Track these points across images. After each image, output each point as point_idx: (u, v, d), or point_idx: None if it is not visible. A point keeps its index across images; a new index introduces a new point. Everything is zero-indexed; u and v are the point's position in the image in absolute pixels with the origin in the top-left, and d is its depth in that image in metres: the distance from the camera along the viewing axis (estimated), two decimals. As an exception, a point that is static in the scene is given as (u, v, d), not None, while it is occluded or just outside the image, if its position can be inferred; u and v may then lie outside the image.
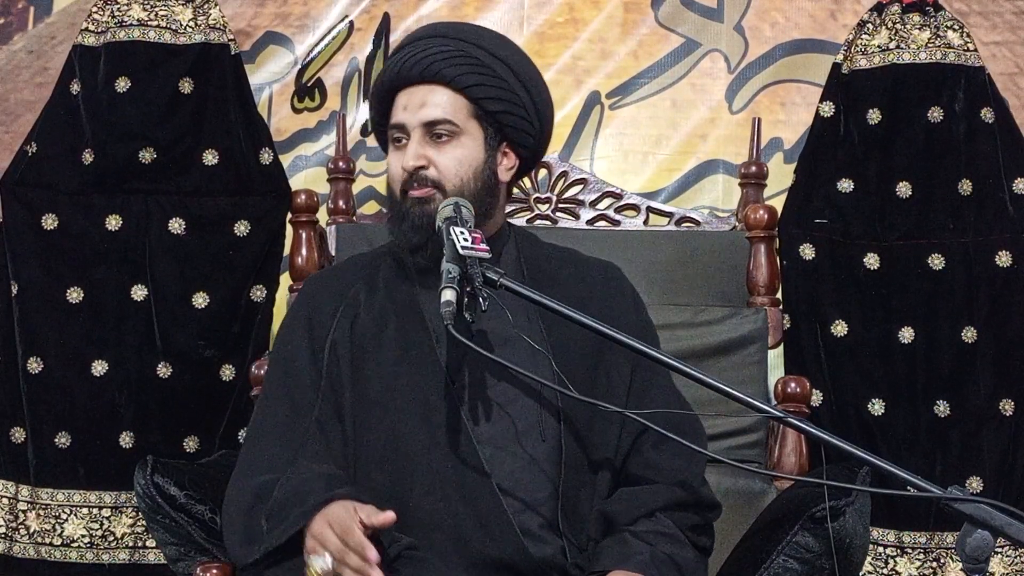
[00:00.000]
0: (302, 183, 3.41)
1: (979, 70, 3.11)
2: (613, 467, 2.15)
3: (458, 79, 2.18)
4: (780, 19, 3.61)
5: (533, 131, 2.24)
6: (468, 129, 2.19)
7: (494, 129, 2.21)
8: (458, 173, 2.17)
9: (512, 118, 2.21)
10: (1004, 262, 3.04)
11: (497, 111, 2.19)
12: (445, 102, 2.18)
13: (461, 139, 2.18)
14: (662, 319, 2.55)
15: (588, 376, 2.16)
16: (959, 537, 1.76)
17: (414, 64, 2.19)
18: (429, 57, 2.19)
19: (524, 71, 2.24)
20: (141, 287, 3.02)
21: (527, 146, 2.25)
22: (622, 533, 2.08)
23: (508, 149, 2.24)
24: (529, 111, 2.22)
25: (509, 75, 2.21)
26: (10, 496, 3.01)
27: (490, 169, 2.20)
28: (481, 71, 2.19)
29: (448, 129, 2.18)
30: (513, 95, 2.20)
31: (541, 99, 2.25)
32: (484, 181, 2.19)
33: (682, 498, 2.12)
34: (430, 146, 2.18)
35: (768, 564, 2.09)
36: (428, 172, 2.17)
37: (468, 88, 2.18)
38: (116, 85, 3.06)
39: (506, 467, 2.09)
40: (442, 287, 1.97)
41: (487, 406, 2.12)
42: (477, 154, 2.19)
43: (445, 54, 2.19)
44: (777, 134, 3.55)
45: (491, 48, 2.23)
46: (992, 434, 3.00)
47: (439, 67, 2.18)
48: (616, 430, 2.14)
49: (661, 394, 2.19)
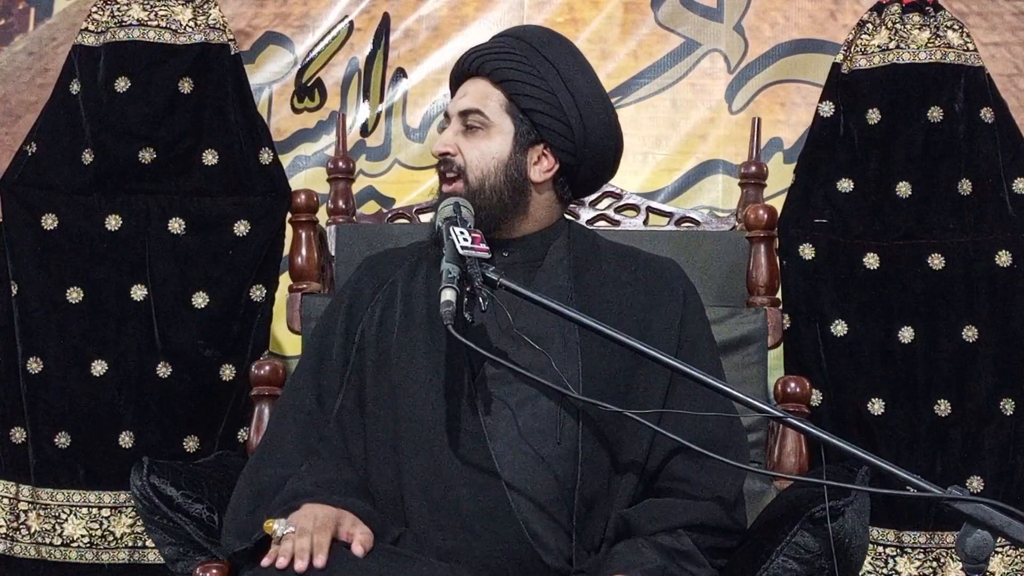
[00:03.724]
0: (302, 183, 3.42)
1: (979, 70, 3.11)
2: (640, 473, 2.13)
3: (496, 72, 2.22)
4: (780, 19, 3.61)
5: (571, 136, 2.22)
6: (498, 123, 2.22)
7: (527, 127, 2.22)
8: (480, 164, 2.20)
9: (546, 118, 2.21)
10: (1004, 262, 3.04)
11: (530, 108, 2.21)
12: (480, 94, 2.23)
13: (490, 131, 2.21)
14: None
15: (623, 381, 2.14)
16: (959, 537, 1.76)
17: (468, 58, 2.27)
18: (481, 51, 2.27)
19: (573, 76, 2.24)
20: (141, 287, 3.02)
21: (565, 149, 2.23)
22: (637, 540, 2.06)
23: (547, 151, 2.23)
24: (569, 114, 2.21)
25: (553, 76, 2.22)
26: (11, 496, 3.01)
27: (517, 166, 2.21)
28: (522, 67, 2.22)
29: (478, 120, 2.21)
30: (551, 95, 2.21)
31: (587, 106, 2.23)
32: (509, 177, 2.20)
33: (710, 518, 2.09)
34: (462, 135, 2.23)
35: (768, 564, 2.08)
36: (455, 159, 2.22)
37: (504, 82, 2.21)
38: (116, 85, 3.06)
39: (516, 465, 2.09)
40: (442, 287, 1.98)
41: (502, 404, 2.12)
42: (504, 148, 2.21)
43: (495, 50, 2.26)
44: (777, 134, 3.56)
45: (543, 49, 2.25)
46: (992, 434, 3.00)
47: (483, 60, 2.24)
48: (647, 435, 2.12)
49: (705, 402, 2.13)
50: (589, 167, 2.27)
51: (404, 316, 2.22)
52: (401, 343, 2.19)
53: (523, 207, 2.23)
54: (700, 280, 2.90)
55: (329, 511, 2.00)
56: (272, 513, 2.01)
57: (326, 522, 1.97)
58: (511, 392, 2.13)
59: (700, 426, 2.10)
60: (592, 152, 2.25)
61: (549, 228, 2.28)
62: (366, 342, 2.22)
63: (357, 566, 1.94)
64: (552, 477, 2.09)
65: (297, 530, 1.95)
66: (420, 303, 2.22)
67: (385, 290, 2.26)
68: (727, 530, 2.12)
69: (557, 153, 2.23)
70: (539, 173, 2.24)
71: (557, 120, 2.21)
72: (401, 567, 1.97)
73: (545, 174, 2.24)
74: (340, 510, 2.02)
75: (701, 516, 2.09)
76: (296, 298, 2.87)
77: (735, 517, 2.13)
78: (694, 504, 2.10)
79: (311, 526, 1.95)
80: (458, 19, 3.65)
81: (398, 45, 3.66)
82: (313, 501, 2.02)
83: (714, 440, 2.08)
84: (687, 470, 2.12)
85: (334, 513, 2.00)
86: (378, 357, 2.20)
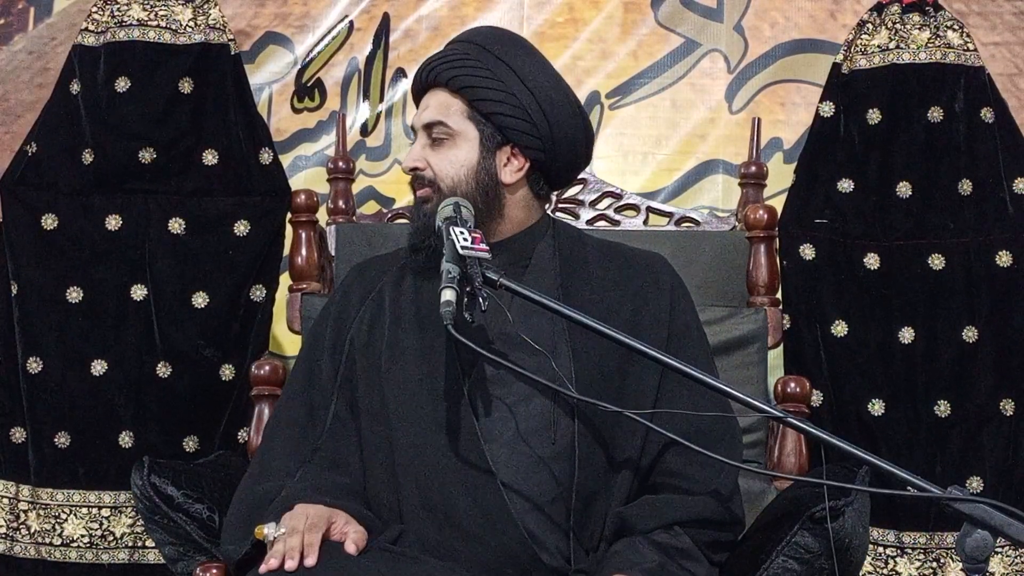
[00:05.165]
0: (302, 183, 3.42)
1: (979, 70, 3.11)
2: (636, 470, 2.13)
3: (453, 81, 2.21)
4: (780, 19, 3.61)
5: (537, 132, 2.22)
6: (462, 130, 2.21)
7: (492, 130, 2.21)
8: (450, 173, 2.20)
9: (510, 119, 2.20)
10: (1004, 262, 3.04)
11: (493, 112, 2.20)
12: (441, 104, 2.22)
13: (455, 140, 2.21)
14: (662, 319, 2.54)
15: (615, 376, 2.15)
16: (959, 537, 1.75)
17: (424, 70, 2.26)
18: (436, 62, 2.25)
19: (530, 73, 2.23)
20: (141, 287, 3.02)
21: (533, 147, 2.22)
22: (634, 539, 2.06)
23: (515, 152, 2.23)
24: (531, 112, 2.21)
25: (510, 76, 2.21)
26: (10, 496, 3.01)
27: (487, 170, 2.21)
28: (478, 73, 2.20)
29: (442, 131, 2.21)
30: (510, 95, 2.20)
31: (548, 100, 2.22)
32: (480, 182, 2.20)
33: (706, 513, 2.10)
34: (429, 148, 2.23)
35: (768, 564, 2.08)
36: (425, 173, 2.22)
37: (463, 90, 2.20)
38: (116, 85, 3.06)
39: (511, 465, 2.09)
40: (442, 287, 1.97)
41: (496, 405, 2.12)
42: (471, 155, 2.21)
43: (450, 58, 2.24)
44: (777, 134, 3.55)
45: (496, 50, 2.24)
46: (992, 434, 3.00)
47: (440, 70, 2.23)
48: (642, 431, 2.12)
49: (697, 396, 2.13)
50: (561, 160, 2.26)
51: (393, 322, 2.22)
52: (392, 349, 2.19)
53: (498, 210, 2.23)
54: (700, 280, 2.91)
55: (321, 510, 2.00)
56: (266, 519, 2.01)
57: (317, 521, 1.97)
58: (506, 393, 2.13)
59: (692, 420, 2.10)
60: (561, 145, 2.24)
61: (532, 228, 2.27)
62: (355, 351, 2.22)
63: (353, 566, 1.94)
64: (549, 476, 2.09)
65: (288, 529, 1.95)
66: (408, 308, 2.22)
67: (373, 297, 2.27)
68: (724, 523, 2.13)
69: (526, 151, 2.23)
70: (510, 174, 2.23)
71: (520, 119, 2.21)
72: (398, 567, 1.97)
73: (516, 174, 2.23)
74: (333, 509, 2.02)
75: (697, 511, 2.09)
76: (296, 298, 2.87)
77: (731, 509, 2.13)
78: (689, 500, 2.10)
79: (302, 525, 1.96)
80: (458, 19, 3.65)
81: (398, 45, 3.66)
82: (306, 502, 2.02)
83: (706, 434, 2.08)
84: (681, 465, 2.13)
85: (326, 512, 2.00)
86: (369, 364, 2.20)
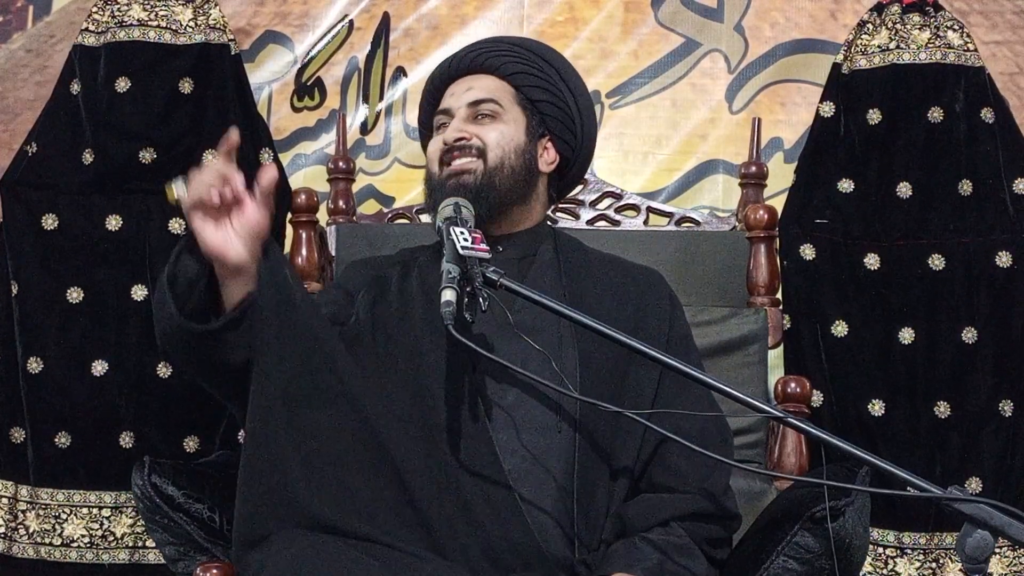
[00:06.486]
0: (301, 182, 3.42)
1: (979, 70, 3.11)
2: (634, 464, 2.15)
3: (503, 67, 2.28)
4: (780, 19, 3.61)
5: (574, 130, 2.30)
6: (511, 112, 2.27)
7: (537, 120, 2.28)
8: (501, 143, 2.24)
9: (554, 109, 2.28)
10: (1004, 262, 3.04)
11: (540, 100, 2.28)
12: (490, 86, 2.28)
13: (504, 119, 2.26)
14: (662, 319, 2.55)
15: (616, 378, 2.17)
16: (959, 537, 1.76)
17: (463, 58, 2.31)
18: (476, 51, 2.31)
19: (569, 75, 2.34)
20: (141, 287, 3.02)
21: (568, 143, 2.30)
22: (633, 538, 2.08)
23: (550, 144, 2.30)
24: (571, 108, 2.30)
25: (553, 73, 2.31)
26: (10, 496, 3.01)
27: (531, 154, 2.27)
28: (526, 62, 2.29)
29: (491, 108, 2.26)
30: (556, 89, 2.29)
31: (586, 107, 2.33)
32: (525, 162, 2.25)
33: (701, 509, 2.12)
34: (473, 124, 2.26)
35: (768, 564, 2.09)
36: (472, 142, 2.23)
37: (512, 75, 2.28)
38: (116, 85, 3.06)
39: (517, 459, 2.10)
40: (442, 287, 1.97)
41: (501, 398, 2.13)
42: (519, 136, 2.26)
43: (493, 49, 2.31)
44: (777, 134, 3.56)
45: (536, 48, 2.35)
46: (992, 435, 3.00)
47: (485, 58, 2.29)
48: (639, 429, 2.14)
49: (692, 400, 2.16)
50: (581, 161, 2.37)
51: (402, 308, 2.22)
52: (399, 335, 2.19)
53: (528, 196, 2.28)
54: (700, 280, 2.92)
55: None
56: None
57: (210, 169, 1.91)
58: (508, 389, 2.14)
59: (687, 421, 2.12)
60: (584, 151, 2.35)
61: (537, 227, 2.32)
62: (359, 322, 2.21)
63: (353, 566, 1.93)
64: (552, 470, 2.10)
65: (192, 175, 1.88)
66: (417, 297, 2.22)
67: (379, 281, 2.27)
68: (719, 517, 2.14)
69: (559, 146, 2.31)
70: (545, 164, 2.30)
71: (563, 112, 2.29)
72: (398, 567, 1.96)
73: (549, 166, 2.31)
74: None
75: (690, 507, 2.12)
76: (296, 298, 2.87)
77: (725, 504, 2.15)
78: (683, 497, 2.12)
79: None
80: (458, 18, 3.65)
81: (398, 44, 3.66)
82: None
83: (701, 433, 2.10)
84: (675, 463, 2.15)
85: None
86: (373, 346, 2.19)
